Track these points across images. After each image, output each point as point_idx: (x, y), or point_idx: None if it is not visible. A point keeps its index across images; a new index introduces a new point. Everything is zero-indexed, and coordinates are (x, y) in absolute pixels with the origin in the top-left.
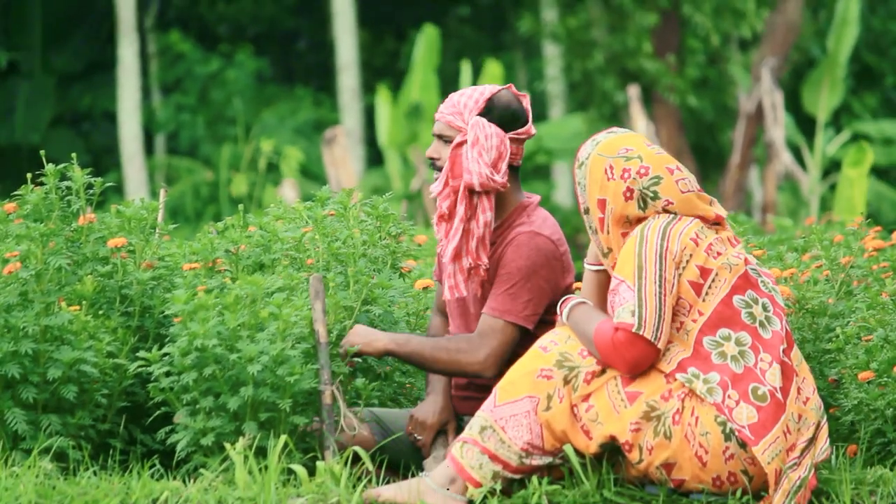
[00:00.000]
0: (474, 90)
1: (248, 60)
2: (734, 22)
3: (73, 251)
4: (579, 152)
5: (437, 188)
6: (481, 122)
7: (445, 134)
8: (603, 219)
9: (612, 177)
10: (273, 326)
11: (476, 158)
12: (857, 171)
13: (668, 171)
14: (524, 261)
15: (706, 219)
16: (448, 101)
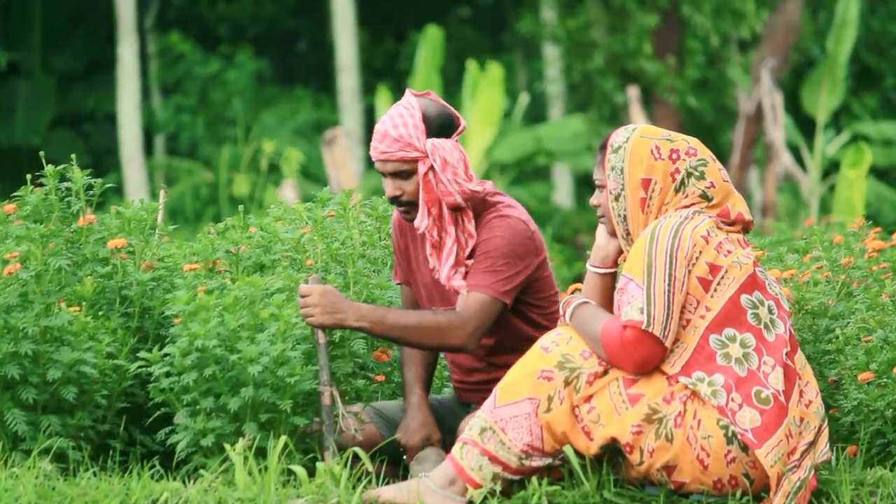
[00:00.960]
0: (399, 116)
1: (248, 61)
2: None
3: (72, 252)
4: (612, 138)
5: (425, 223)
6: (436, 143)
7: (402, 170)
8: (645, 199)
9: (659, 156)
10: (273, 327)
11: (451, 179)
12: (856, 172)
13: (711, 159)
14: (499, 240)
15: (729, 214)
16: (384, 136)
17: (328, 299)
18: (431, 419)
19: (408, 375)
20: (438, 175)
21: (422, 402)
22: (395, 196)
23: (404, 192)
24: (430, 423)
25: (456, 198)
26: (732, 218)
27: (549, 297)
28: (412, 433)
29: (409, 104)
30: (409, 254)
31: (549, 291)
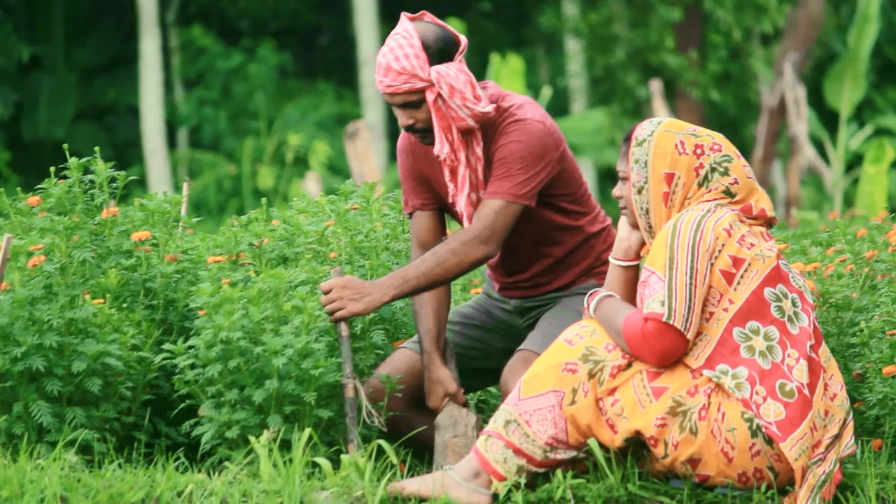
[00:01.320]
0: (399, 47)
1: (270, 55)
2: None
3: (96, 244)
4: (636, 131)
5: (444, 149)
6: (440, 70)
7: (411, 101)
8: (668, 193)
9: (684, 151)
10: (297, 320)
11: (461, 105)
12: (877, 167)
13: (736, 155)
14: (514, 145)
15: (752, 209)
16: (388, 71)
17: (350, 288)
18: (445, 374)
19: (419, 328)
20: (448, 102)
21: (431, 359)
22: (409, 125)
23: (417, 120)
24: (444, 378)
25: (468, 122)
26: (755, 213)
27: (575, 183)
28: (430, 395)
29: (407, 32)
30: (428, 175)
31: (573, 178)
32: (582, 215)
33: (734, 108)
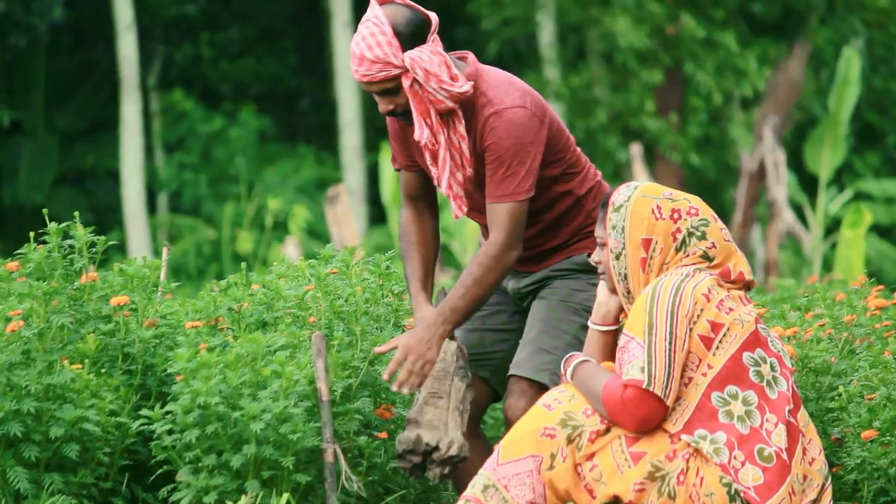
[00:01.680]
0: (371, 35)
1: (251, 119)
2: (736, 80)
3: (75, 310)
4: (613, 196)
5: (424, 134)
6: (413, 56)
7: (388, 87)
8: (645, 259)
9: (660, 216)
10: (275, 384)
11: (437, 88)
12: (855, 232)
13: (713, 218)
14: (505, 141)
15: (731, 273)
16: (362, 60)
17: (414, 345)
18: (428, 311)
19: (406, 272)
20: (424, 86)
21: (417, 300)
22: (389, 110)
23: (397, 105)
24: (427, 316)
25: (446, 103)
26: (733, 277)
27: (563, 146)
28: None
29: (378, 18)
30: (411, 140)
31: (560, 142)
32: (573, 176)
33: (714, 171)
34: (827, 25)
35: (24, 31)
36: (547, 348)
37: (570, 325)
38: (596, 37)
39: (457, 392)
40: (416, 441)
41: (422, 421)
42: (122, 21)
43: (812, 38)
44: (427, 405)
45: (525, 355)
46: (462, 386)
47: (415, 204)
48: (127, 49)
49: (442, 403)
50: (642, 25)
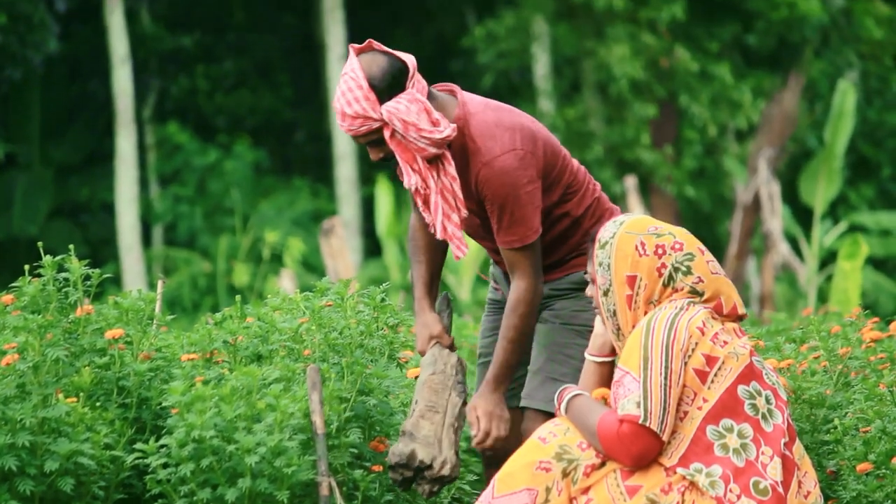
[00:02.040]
0: (349, 90)
1: (246, 151)
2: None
3: (70, 343)
4: (599, 234)
5: (412, 181)
6: (389, 108)
7: (373, 139)
8: (631, 296)
9: (644, 253)
10: (270, 417)
11: (417, 137)
12: (852, 264)
13: (699, 251)
14: (502, 189)
15: (723, 306)
16: (343, 116)
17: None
18: (431, 318)
19: (412, 275)
20: (405, 136)
21: (420, 304)
22: (379, 159)
23: (385, 153)
24: (430, 322)
25: (428, 150)
26: (726, 311)
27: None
28: (417, 339)
29: (354, 73)
30: None
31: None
32: (572, 196)
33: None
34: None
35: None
36: (556, 377)
37: (577, 349)
38: (591, 68)
39: (453, 407)
40: (410, 456)
41: (417, 435)
42: (117, 54)
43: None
44: (423, 419)
45: (535, 385)
46: (458, 402)
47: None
48: (122, 82)
49: (437, 419)
50: (638, 56)
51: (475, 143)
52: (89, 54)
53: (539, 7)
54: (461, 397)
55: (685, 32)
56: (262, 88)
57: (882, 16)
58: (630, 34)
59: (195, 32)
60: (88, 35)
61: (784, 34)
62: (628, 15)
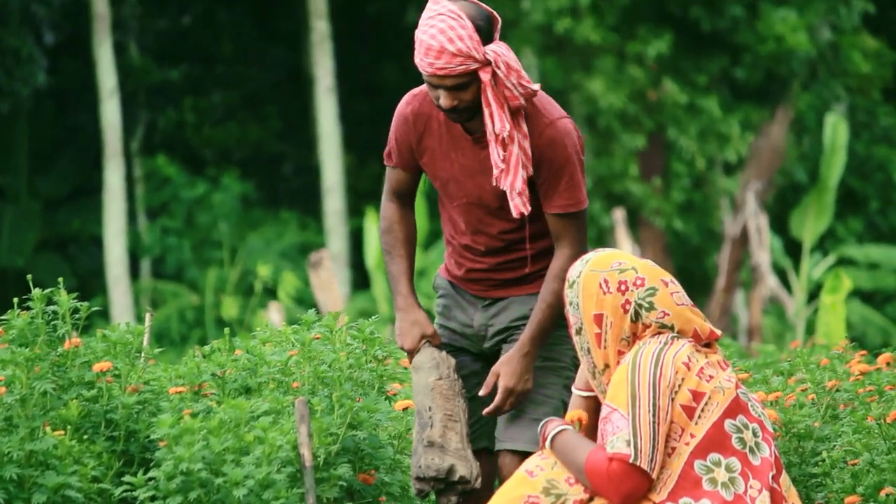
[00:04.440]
0: (451, 28)
1: (234, 184)
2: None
3: (58, 376)
4: (569, 273)
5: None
6: (496, 50)
7: (462, 82)
8: (600, 334)
9: (608, 290)
10: (258, 450)
11: (516, 83)
12: (835, 298)
13: (662, 283)
14: (565, 150)
15: (699, 336)
16: (441, 52)
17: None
18: (422, 316)
19: (392, 270)
20: (503, 81)
21: (408, 301)
22: (453, 106)
23: (462, 101)
24: (421, 320)
25: (520, 100)
26: (705, 339)
27: None
28: (406, 336)
29: (455, 13)
30: (424, 144)
31: None
32: None
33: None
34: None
35: (7, 96)
36: (538, 417)
37: (554, 389)
38: (578, 102)
39: (464, 413)
40: (449, 471)
41: (448, 447)
42: (105, 87)
43: (794, 103)
44: (447, 429)
45: (517, 428)
46: (465, 406)
47: (401, 201)
48: (110, 114)
49: (458, 428)
50: (621, 87)
51: (535, 107)
52: (77, 87)
53: (527, 40)
54: (465, 400)
55: (673, 65)
56: (250, 121)
57: (869, 49)
58: (617, 67)
59: (183, 65)
60: (77, 68)
61: (772, 67)
62: (615, 49)
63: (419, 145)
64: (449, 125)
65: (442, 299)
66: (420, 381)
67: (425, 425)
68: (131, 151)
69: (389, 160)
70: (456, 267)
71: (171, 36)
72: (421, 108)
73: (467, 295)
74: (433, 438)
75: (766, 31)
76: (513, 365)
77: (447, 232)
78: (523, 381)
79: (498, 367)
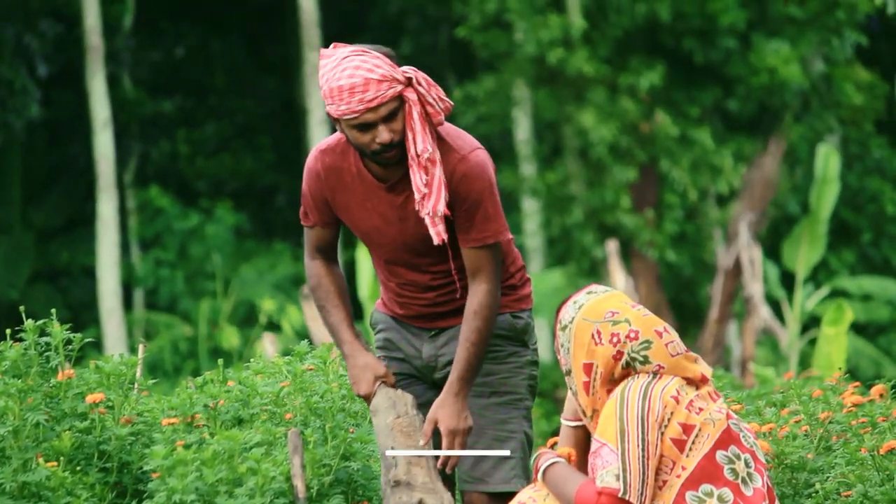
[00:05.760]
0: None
1: (227, 215)
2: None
3: (51, 407)
4: (561, 314)
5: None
6: (409, 68)
7: (393, 109)
8: (588, 382)
9: (599, 342)
10: (251, 482)
11: (436, 99)
12: (836, 329)
13: (657, 335)
14: (479, 182)
15: (690, 381)
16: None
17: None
18: (370, 358)
19: (332, 322)
20: (425, 97)
21: (354, 346)
22: (389, 141)
23: (395, 132)
24: (371, 362)
25: (441, 116)
26: (696, 382)
27: None
28: (360, 382)
29: (359, 50)
30: (339, 199)
31: None
32: None
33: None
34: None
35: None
36: (504, 455)
37: (516, 423)
38: (570, 133)
39: (429, 447)
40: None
41: (415, 483)
42: (98, 118)
43: (787, 134)
44: (412, 465)
45: (487, 469)
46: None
47: (324, 256)
48: (103, 146)
49: (423, 462)
50: (612, 119)
51: (445, 143)
52: (70, 119)
53: (519, 72)
54: None
55: (665, 97)
56: (243, 152)
57: (862, 81)
58: (609, 98)
59: (176, 97)
60: (70, 100)
61: (764, 99)
62: (608, 81)
63: (334, 200)
64: (362, 176)
65: (383, 333)
66: (380, 424)
67: (389, 466)
68: (124, 183)
69: (307, 220)
70: (398, 307)
71: (164, 68)
72: (332, 162)
73: (412, 328)
74: (398, 478)
75: (758, 63)
76: (448, 407)
77: (381, 275)
78: (462, 418)
79: (433, 414)
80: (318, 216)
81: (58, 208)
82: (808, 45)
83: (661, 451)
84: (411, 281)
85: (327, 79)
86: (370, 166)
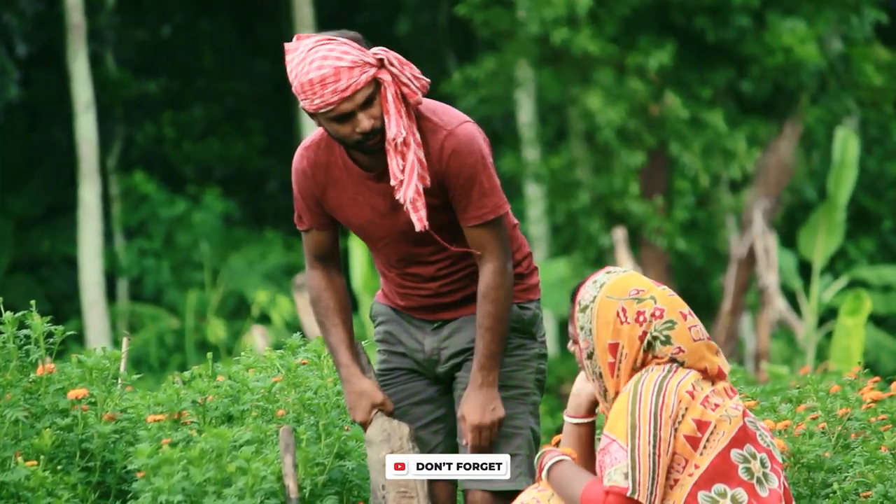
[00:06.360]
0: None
1: (216, 202)
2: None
3: (30, 403)
4: (580, 295)
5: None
6: (380, 48)
7: (370, 94)
8: (614, 363)
9: (625, 320)
10: (241, 481)
11: (410, 78)
12: (855, 320)
13: (681, 316)
14: (471, 157)
15: (708, 372)
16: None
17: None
18: (367, 385)
19: (330, 342)
20: (399, 77)
21: (351, 371)
22: (370, 128)
23: (375, 118)
24: (368, 389)
25: (418, 95)
26: (713, 377)
27: None
28: (356, 409)
29: (324, 39)
30: (329, 195)
31: None
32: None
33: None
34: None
35: None
36: (512, 451)
37: (522, 419)
38: (576, 116)
39: (422, 485)
40: None
41: None
42: (80, 100)
43: (803, 117)
44: (403, 498)
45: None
46: (425, 479)
47: (324, 264)
48: (86, 129)
49: (413, 503)
50: (620, 102)
51: (430, 121)
52: (51, 101)
53: (522, 52)
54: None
55: (676, 78)
56: (233, 136)
57: (882, 61)
58: (616, 79)
59: (162, 78)
60: (50, 81)
61: (780, 80)
62: (615, 61)
63: (325, 197)
64: (349, 169)
65: (383, 325)
66: (373, 457)
67: (379, 501)
68: (107, 168)
69: (302, 224)
70: (400, 298)
71: (149, 47)
72: (317, 158)
73: (414, 320)
74: None
75: (773, 43)
76: (472, 401)
77: (380, 267)
78: (488, 411)
79: (461, 411)
80: (312, 218)
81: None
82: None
83: (674, 448)
84: (415, 271)
85: (296, 74)
86: (356, 157)
